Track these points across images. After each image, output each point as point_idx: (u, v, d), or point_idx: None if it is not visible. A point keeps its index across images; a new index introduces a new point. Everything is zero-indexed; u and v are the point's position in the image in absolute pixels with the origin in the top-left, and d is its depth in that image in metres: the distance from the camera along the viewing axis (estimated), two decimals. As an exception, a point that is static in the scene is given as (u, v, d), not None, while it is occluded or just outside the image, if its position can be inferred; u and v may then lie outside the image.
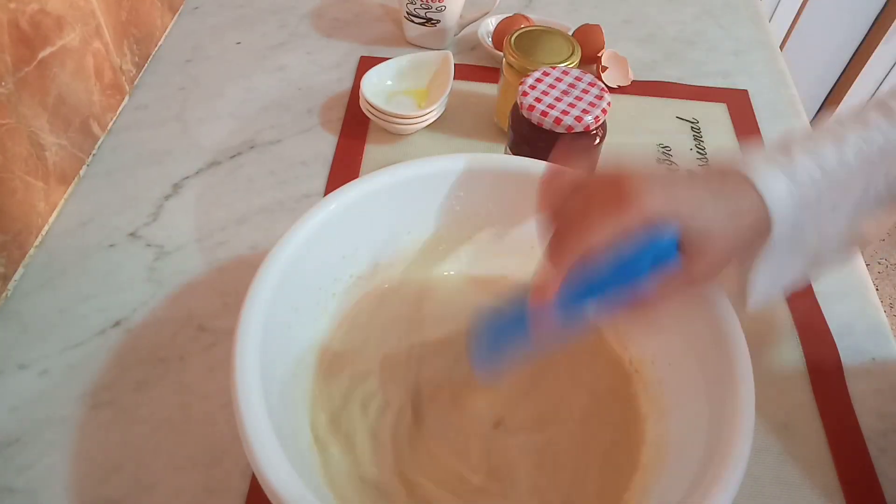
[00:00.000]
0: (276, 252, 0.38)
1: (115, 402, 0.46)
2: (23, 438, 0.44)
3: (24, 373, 0.47)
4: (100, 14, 0.61)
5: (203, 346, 0.49)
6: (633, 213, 0.32)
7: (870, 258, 1.58)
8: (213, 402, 0.46)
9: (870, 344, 0.51)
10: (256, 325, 0.35)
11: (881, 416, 0.47)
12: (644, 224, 0.32)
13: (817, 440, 0.46)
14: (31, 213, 0.53)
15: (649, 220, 0.32)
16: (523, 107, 0.51)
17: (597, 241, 0.32)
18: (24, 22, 0.50)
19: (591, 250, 0.32)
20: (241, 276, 0.39)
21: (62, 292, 0.51)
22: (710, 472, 0.32)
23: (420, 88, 0.67)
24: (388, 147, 0.64)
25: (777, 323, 0.52)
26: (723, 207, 0.33)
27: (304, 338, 0.42)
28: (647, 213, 0.32)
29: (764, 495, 0.43)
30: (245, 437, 0.32)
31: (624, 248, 0.32)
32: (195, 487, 0.42)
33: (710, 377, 0.36)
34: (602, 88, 0.52)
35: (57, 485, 0.42)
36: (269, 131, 0.65)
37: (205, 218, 0.57)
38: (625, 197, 0.32)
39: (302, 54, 0.73)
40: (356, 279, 0.45)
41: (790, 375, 0.49)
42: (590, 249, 0.32)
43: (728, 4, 0.84)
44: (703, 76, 0.73)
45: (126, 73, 0.66)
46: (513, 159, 0.46)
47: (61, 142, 0.56)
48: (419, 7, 0.70)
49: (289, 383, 0.39)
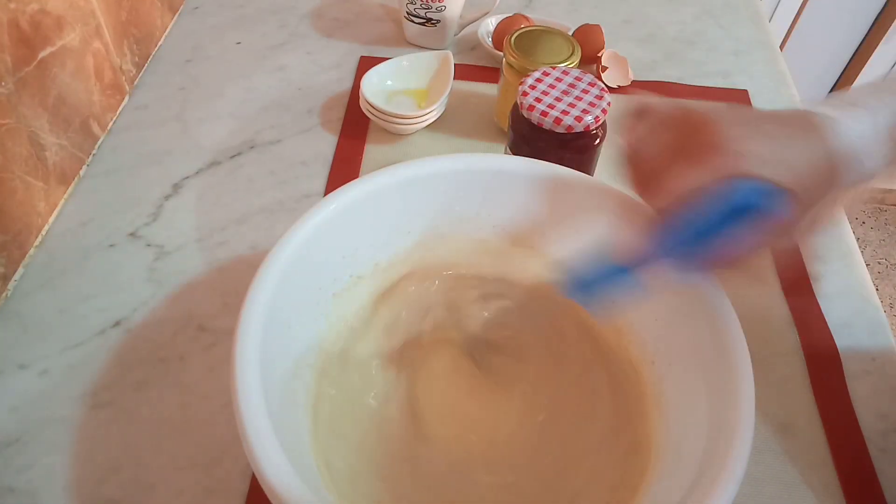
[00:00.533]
0: (277, 252, 0.38)
1: (115, 402, 0.46)
2: (23, 438, 0.44)
3: (24, 373, 0.47)
4: (100, 14, 0.61)
5: (203, 345, 0.49)
6: (717, 165, 0.32)
7: (870, 258, 1.59)
8: (213, 402, 0.46)
9: (870, 344, 0.51)
10: (256, 325, 0.35)
11: (881, 415, 0.47)
12: (734, 176, 0.32)
13: (817, 440, 0.46)
14: (32, 213, 0.53)
15: (739, 172, 0.32)
16: (523, 107, 0.51)
17: (688, 189, 0.32)
18: (24, 22, 0.50)
19: (683, 197, 0.32)
20: (242, 276, 0.39)
21: (62, 292, 0.51)
22: (710, 472, 0.32)
23: (420, 88, 0.67)
24: (389, 147, 0.64)
25: (777, 323, 0.52)
26: (809, 154, 0.33)
27: (305, 338, 0.42)
28: (737, 165, 0.32)
29: (764, 495, 0.43)
30: (245, 436, 0.32)
31: (713, 198, 0.32)
32: (195, 487, 0.42)
33: (710, 377, 0.36)
34: (602, 88, 0.52)
35: (57, 485, 0.42)
36: (270, 131, 0.65)
37: (205, 218, 0.57)
38: (709, 147, 0.32)
39: (302, 54, 0.73)
40: (356, 279, 0.45)
41: (790, 375, 0.49)
42: (681, 196, 0.32)
43: (728, 4, 0.84)
44: (704, 76, 0.73)
45: (126, 73, 0.66)
46: (513, 159, 0.46)
47: (61, 142, 0.56)
48: (419, 7, 0.70)
49: (289, 383, 0.39)
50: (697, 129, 0.33)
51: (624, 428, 0.41)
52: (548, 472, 0.40)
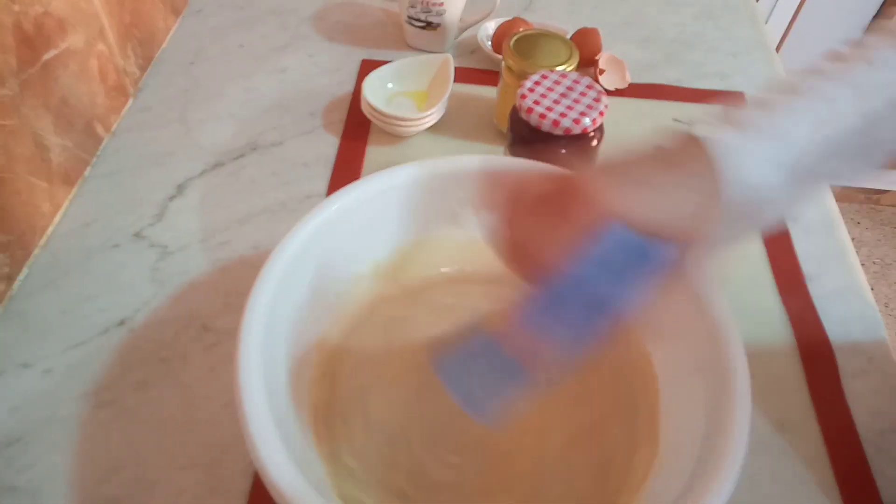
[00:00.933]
0: (279, 252, 0.39)
1: (117, 402, 0.46)
2: (25, 438, 0.44)
3: (27, 372, 0.47)
4: (103, 17, 0.61)
5: (205, 345, 0.49)
6: (590, 215, 0.29)
7: (865, 258, 1.59)
8: (215, 401, 0.46)
9: (866, 343, 0.51)
10: (259, 325, 0.36)
11: (877, 415, 0.48)
12: (604, 224, 0.30)
13: (813, 439, 0.46)
14: (36, 213, 0.53)
15: (608, 220, 0.29)
16: (522, 109, 0.51)
17: (561, 249, 0.30)
18: (27, 24, 0.51)
19: (558, 258, 0.30)
20: (244, 276, 0.40)
21: (66, 292, 0.52)
22: (706, 470, 0.32)
23: (420, 91, 0.68)
24: (390, 149, 0.64)
25: (773, 322, 0.52)
26: (694, 199, 0.29)
27: (307, 337, 0.42)
28: (603, 213, 0.29)
29: (760, 494, 0.43)
30: (248, 435, 0.32)
31: (591, 252, 0.30)
32: (197, 487, 0.42)
33: (707, 377, 0.37)
34: (600, 91, 0.52)
35: (59, 484, 0.42)
36: (272, 133, 0.65)
37: (208, 218, 0.57)
38: (581, 203, 0.30)
39: (304, 56, 0.74)
40: (357, 279, 0.46)
41: (786, 375, 0.49)
42: (555, 258, 0.30)
43: (727, 6, 0.84)
44: (702, 77, 0.74)
45: (130, 76, 0.67)
46: (512, 160, 0.46)
47: (65, 143, 0.56)
48: (419, 11, 0.70)
49: (291, 382, 0.39)
50: (562, 191, 0.31)
51: (621, 427, 0.42)
52: (546, 468, 0.40)
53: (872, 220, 1.68)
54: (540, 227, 0.31)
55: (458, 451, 0.41)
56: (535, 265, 0.31)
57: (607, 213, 0.29)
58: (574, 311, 0.31)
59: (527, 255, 0.31)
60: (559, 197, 0.31)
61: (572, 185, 0.31)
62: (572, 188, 0.31)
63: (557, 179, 0.32)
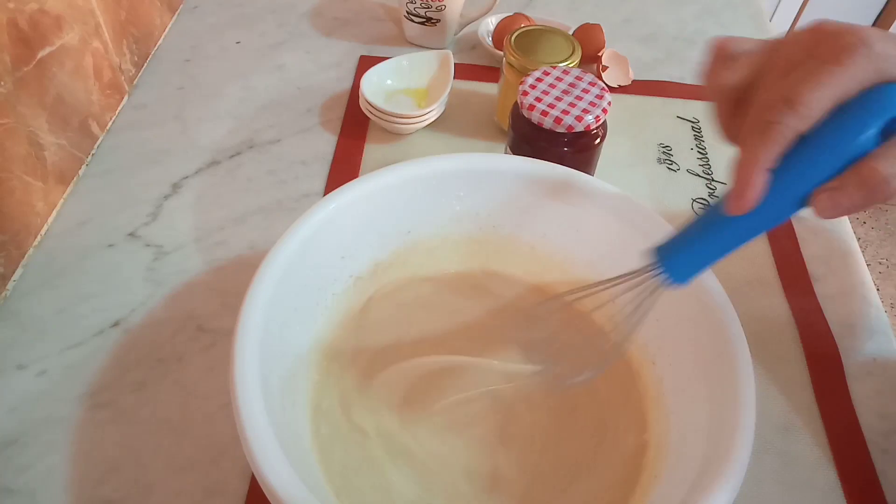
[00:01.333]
0: (276, 252, 0.38)
1: (113, 403, 0.45)
2: (21, 439, 0.44)
3: (23, 373, 0.47)
4: (99, 13, 0.61)
5: (202, 346, 0.49)
6: (860, 66, 0.25)
7: (871, 258, 1.58)
8: (212, 402, 0.46)
9: (871, 344, 0.51)
10: (256, 326, 0.35)
11: (882, 416, 0.47)
12: (874, 80, 0.25)
13: (818, 441, 0.46)
14: (30, 212, 0.53)
15: (882, 75, 0.25)
16: (523, 106, 0.51)
17: (814, 106, 0.25)
18: (22, 21, 0.50)
19: (807, 118, 0.25)
20: (241, 276, 0.39)
21: (61, 292, 0.51)
22: (711, 473, 0.31)
23: (420, 88, 0.67)
24: (388, 146, 0.63)
25: (778, 323, 0.52)
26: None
27: (304, 338, 0.42)
28: (880, 64, 0.25)
29: (764, 496, 0.43)
30: (244, 437, 0.31)
31: (847, 112, 0.26)
32: (194, 488, 0.42)
33: (711, 378, 0.36)
34: (602, 88, 0.52)
35: (56, 485, 0.42)
36: (269, 131, 0.65)
37: (204, 218, 0.57)
38: (847, 47, 0.25)
39: (301, 53, 0.73)
40: (356, 279, 0.45)
41: (791, 376, 0.49)
42: (805, 117, 0.25)
43: (729, 3, 0.84)
44: (704, 75, 0.73)
45: (125, 73, 0.66)
46: (513, 159, 0.46)
47: (60, 141, 0.56)
48: (419, 6, 0.70)
49: (288, 383, 0.38)
50: (826, 37, 0.26)
51: (625, 429, 0.41)
52: (549, 473, 0.40)
53: (878, 220, 1.68)
54: (791, 80, 0.26)
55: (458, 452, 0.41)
56: (781, 125, 0.26)
57: (885, 63, 0.25)
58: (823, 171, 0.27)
59: (771, 115, 0.26)
60: (825, 43, 0.26)
61: (845, 31, 0.26)
62: (845, 33, 0.26)
63: (820, 32, 0.27)
